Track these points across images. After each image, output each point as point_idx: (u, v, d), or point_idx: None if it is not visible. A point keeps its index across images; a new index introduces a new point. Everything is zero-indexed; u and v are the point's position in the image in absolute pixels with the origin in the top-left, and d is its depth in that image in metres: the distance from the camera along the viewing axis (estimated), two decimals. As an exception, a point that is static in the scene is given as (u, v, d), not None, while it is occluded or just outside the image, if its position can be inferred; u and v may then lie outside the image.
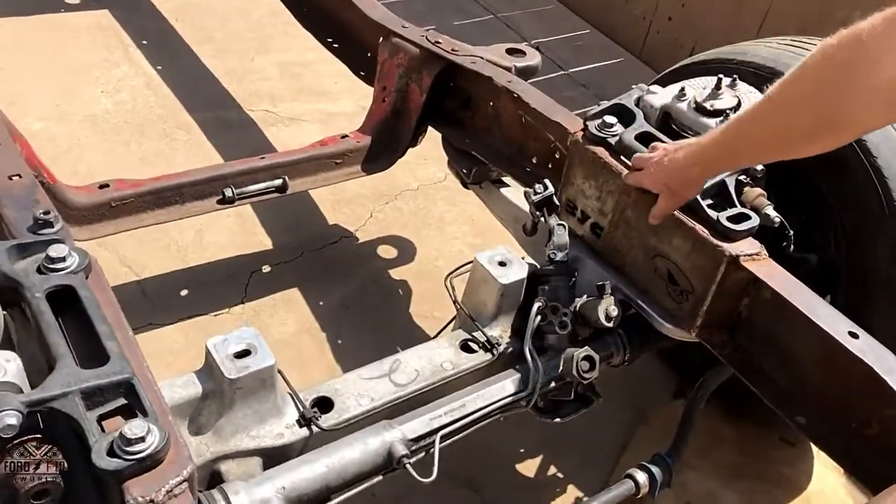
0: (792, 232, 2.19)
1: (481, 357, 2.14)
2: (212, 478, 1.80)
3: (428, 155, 3.79)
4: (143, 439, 1.26)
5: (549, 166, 2.55)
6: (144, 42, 4.35)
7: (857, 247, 2.25)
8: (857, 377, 1.76)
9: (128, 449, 1.26)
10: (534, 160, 2.62)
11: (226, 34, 4.58)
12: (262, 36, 4.60)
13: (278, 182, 2.72)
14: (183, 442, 1.35)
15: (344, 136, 2.92)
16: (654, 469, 2.18)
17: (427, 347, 2.13)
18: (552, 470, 2.66)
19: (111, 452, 1.26)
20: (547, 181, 2.26)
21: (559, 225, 2.23)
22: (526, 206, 2.40)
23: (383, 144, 2.94)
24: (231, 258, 3.12)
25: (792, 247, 2.22)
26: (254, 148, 3.54)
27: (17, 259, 1.53)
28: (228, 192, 2.63)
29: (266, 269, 3.12)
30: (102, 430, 1.31)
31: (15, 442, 1.26)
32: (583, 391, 2.23)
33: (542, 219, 2.29)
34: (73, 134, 3.57)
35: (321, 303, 3.02)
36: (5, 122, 2.15)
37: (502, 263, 2.20)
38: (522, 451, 2.70)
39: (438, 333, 2.42)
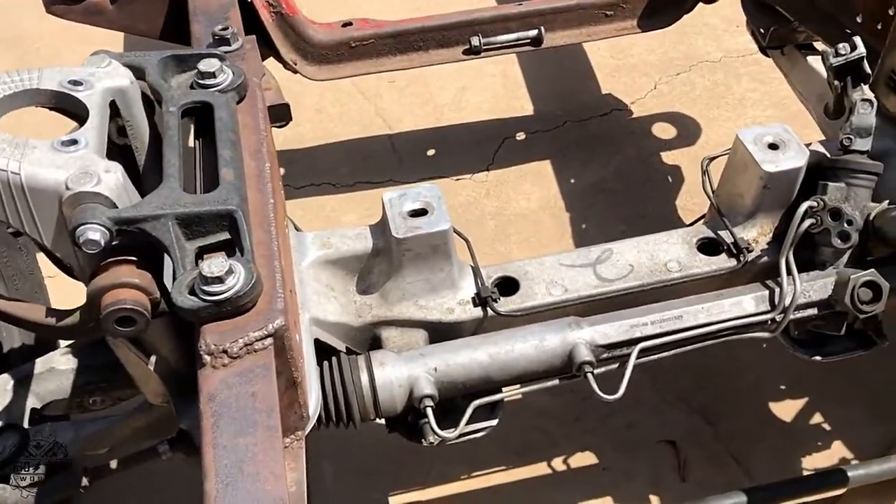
0: None
1: (722, 262, 1.67)
2: (373, 342, 1.62)
3: (742, 21, 3.14)
4: (220, 280, 1.08)
5: (879, 27, 1.88)
6: None
7: None
8: None
9: (205, 288, 1.09)
10: (859, 18, 1.96)
11: None
12: None
13: (533, 33, 2.37)
14: (280, 293, 1.15)
15: (620, -16, 2.45)
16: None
17: (651, 240, 1.72)
18: (816, 418, 2.12)
19: (192, 290, 1.10)
20: (857, 40, 1.64)
21: (864, 101, 1.62)
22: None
23: (668, -4, 2.42)
24: (486, 121, 2.88)
25: None
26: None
27: (174, 72, 1.41)
28: (475, 41, 2.35)
29: (520, 136, 2.83)
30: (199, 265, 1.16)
31: (108, 260, 1.15)
32: (861, 328, 1.67)
33: (845, 92, 1.68)
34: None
35: (573, 180, 2.68)
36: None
37: (773, 146, 1.67)
38: (782, 388, 2.18)
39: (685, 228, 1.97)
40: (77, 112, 1.26)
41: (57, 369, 1.66)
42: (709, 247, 1.71)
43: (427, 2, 3.32)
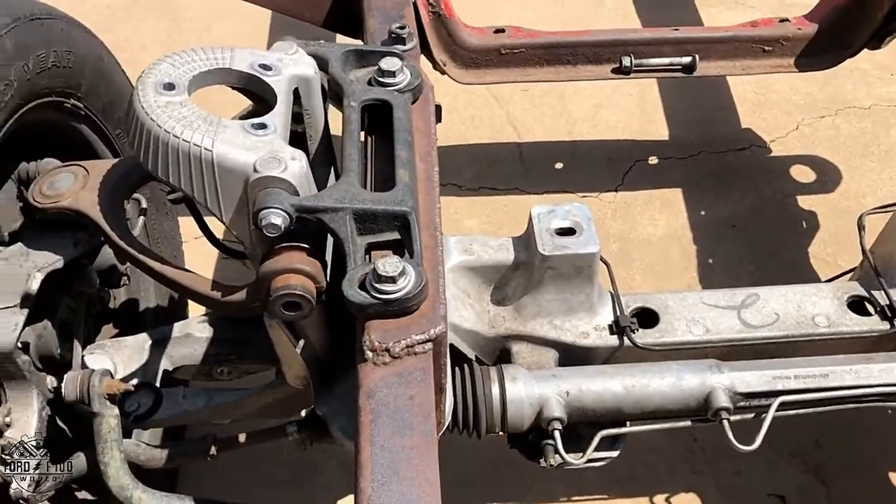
0: None
1: (873, 323, 1.60)
2: (501, 355, 1.62)
3: (896, 68, 3.02)
4: (393, 280, 1.09)
5: None
6: None
7: None
8: None
9: (377, 286, 1.10)
10: None
11: None
12: None
13: (686, 60, 2.32)
14: (443, 300, 1.16)
15: (783, 20, 2.38)
16: None
17: (800, 291, 1.66)
18: (942, 498, 2.01)
19: (362, 285, 1.12)
20: None
21: None
22: None
23: (832, 37, 2.34)
24: (619, 141, 2.84)
25: None
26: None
27: (354, 66, 1.43)
28: (626, 61, 2.32)
29: (653, 160, 2.78)
30: (369, 260, 1.17)
31: (282, 245, 1.18)
32: None
33: None
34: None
35: (703, 213, 2.61)
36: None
37: (946, 210, 1.58)
38: (905, 460, 2.08)
39: (830, 281, 1.89)
40: (264, 96, 1.30)
41: (193, 336, 1.72)
42: (859, 306, 1.64)
43: (577, 16, 3.30)
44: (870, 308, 1.63)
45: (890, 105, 2.96)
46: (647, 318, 1.62)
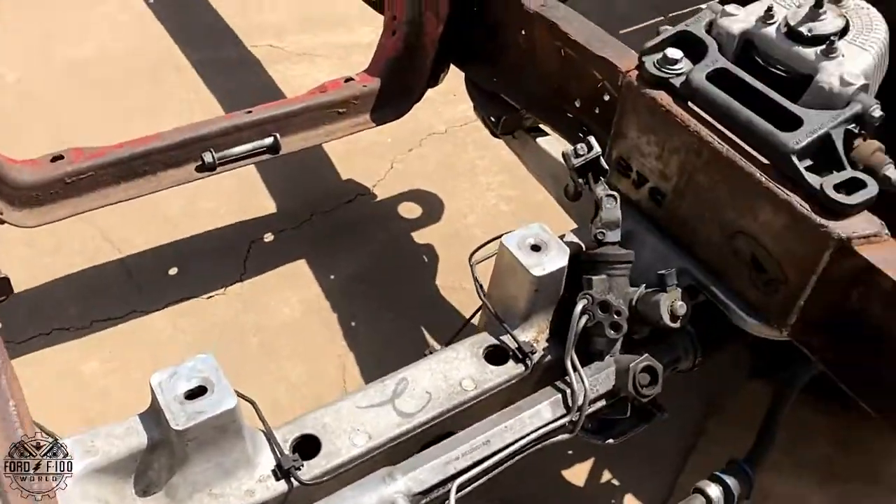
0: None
1: (511, 370, 1.70)
2: (167, 550, 1.42)
3: (456, 90, 3.24)
4: None
5: (597, 111, 2.04)
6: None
7: None
8: None
9: None
10: (577, 104, 2.10)
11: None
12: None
13: (268, 141, 2.27)
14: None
15: (348, 80, 2.44)
16: (730, 480, 1.84)
17: (442, 359, 1.70)
18: (605, 477, 2.24)
19: None
20: (592, 140, 1.76)
21: (609, 196, 1.74)
22: (568, 161, 1.91)
23: (395, 88, 2.45)
24: (228, 227, 2.71)
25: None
26: (258, 92, 3.09)
27: None
28: (208, 157, 2.20)
29: (268, 237, 2.70)
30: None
31: None
32: (641, 405, 1.78)
33: (588, 187, 1.79)
34: (49, 87, 3.15)
35: (332, 276, 2.60)
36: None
37: (535, 248, 1.72)
38: (570, 453, 2.28)
39: (462, 328, 1.97)
40: None
41: None
42: (495, 355, 1.72)
43: (143, 107, 3.06)
44: (503, 355, 1.72)
45: (460, 125, 3.22)
46: (309, 445, 1.53)
